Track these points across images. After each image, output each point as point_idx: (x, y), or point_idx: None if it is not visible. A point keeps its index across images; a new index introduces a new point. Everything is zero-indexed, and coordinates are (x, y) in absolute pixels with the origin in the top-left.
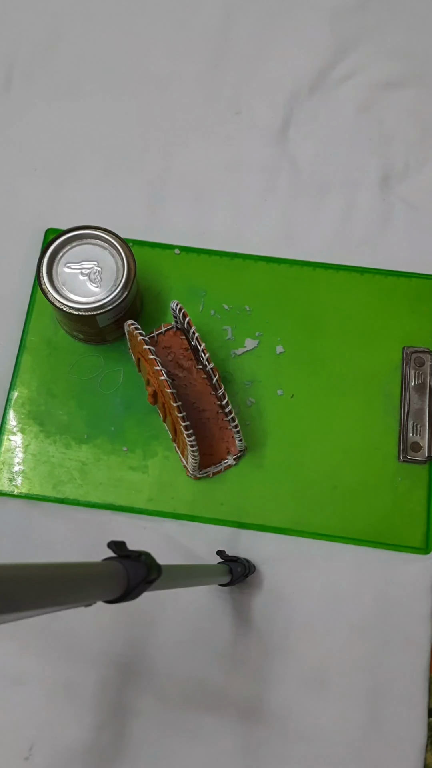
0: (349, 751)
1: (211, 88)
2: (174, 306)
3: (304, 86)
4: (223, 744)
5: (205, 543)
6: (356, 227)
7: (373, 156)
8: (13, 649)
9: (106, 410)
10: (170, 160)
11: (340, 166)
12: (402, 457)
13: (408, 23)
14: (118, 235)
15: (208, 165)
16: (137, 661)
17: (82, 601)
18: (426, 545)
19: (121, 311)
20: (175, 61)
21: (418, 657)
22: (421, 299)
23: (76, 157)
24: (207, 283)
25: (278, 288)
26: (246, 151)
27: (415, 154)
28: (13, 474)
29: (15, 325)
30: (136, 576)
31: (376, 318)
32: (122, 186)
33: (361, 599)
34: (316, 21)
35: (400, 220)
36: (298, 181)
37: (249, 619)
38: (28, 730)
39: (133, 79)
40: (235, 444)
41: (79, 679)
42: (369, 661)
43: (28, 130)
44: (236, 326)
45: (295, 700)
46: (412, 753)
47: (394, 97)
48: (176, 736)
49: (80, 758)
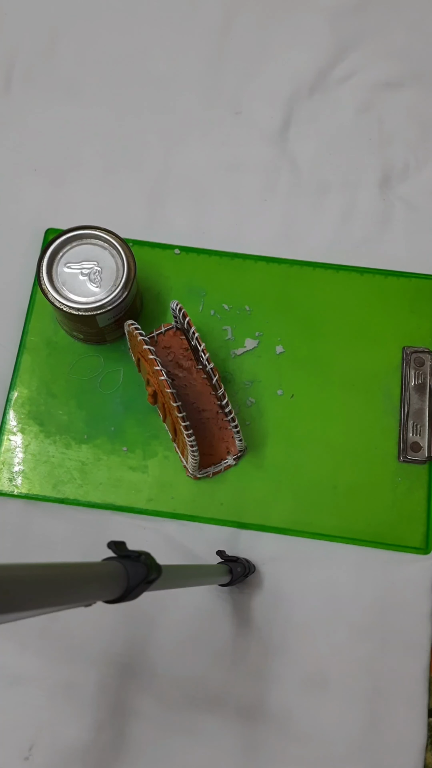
0: (349, 751)
1: (211, 88)
2: (174, 306)
3: (304, 86)
4: (223, 744)
5: (205, 543)
6: (356, 227)
7: (373, 156)
8: (13, 649)
9: (106, 410)
10: (170, 160)
11: (340, 166)
12: (402, 457)
13: (408, 23)
14: (118, 235)
15: (208, 165)
16: (137, 661)
17: (82, 601)
18: (426, 545)
19: (121, 311)
20: (175, 61)
21: (418, 657)
22: (421, 299)
23: (76, 157)
24: (207, 283)
25: (278, 288)
26: (246, 151)
27: (415, 154)
28: (13, 474)
29: (15, 325)
30: (136, 576)
31: (376, 318)
32: (122, 186)
33: (361, 599)
34: (316, 21)
35: (400, 220)
36: (298, 181)
37: (249, 619)
38: (28, 730)
39: (133, 79)
40: (235, 444)
41: (79, 679)
42: (369, 661)
43: (28, 130)
44: (236, 326)
45: (295, 700)
46: (412, 753)
47: (394, 97)
48: (176, 736)
49: (80, 758)
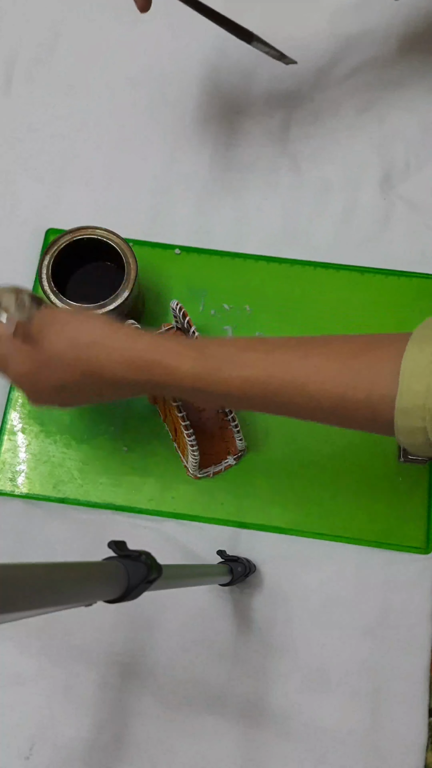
0: (349, 751)
1: (212, 88)
2: (174, 306)
3: (304, 86)
4: (223, 744)
5: (205, 543)
6: (357, 227)
7: (374, 155)
8: (13, 649)
9: (107, 410)
10: (170, 159)
11: (341, 165)
12: (402, 457)
13: (408, 23)
14: (119, 236)
15: (209, 164)
16: (137, 661)
17: (83, 601)
18: (426, 545)
19: (122, 312)
20: (175, 61)
21: (418, 657)
22: (421, 299)
23: (76, 157)
24: (207, 283)
25: (279, 288)
26: (246, 151)
27: (416, 154)
28: (13, 474)
29: None
30: (137, 576)
31: (376, 318)
32: (122, 186)
33: (361, 599)
34: (316, 21)
35: (400, 219)
36: (299, 181)
37: (249, 618)
38: (29, 729)
39: (133, 78)
40: (235, 444)
41: (79, 679)
42: (369, 660)
43: (28, 130)
44: (236, 326)
45: (295, 699)
46: (412, 753)
47: (394, 96)
48: (176, 736)
49: (80, 758)
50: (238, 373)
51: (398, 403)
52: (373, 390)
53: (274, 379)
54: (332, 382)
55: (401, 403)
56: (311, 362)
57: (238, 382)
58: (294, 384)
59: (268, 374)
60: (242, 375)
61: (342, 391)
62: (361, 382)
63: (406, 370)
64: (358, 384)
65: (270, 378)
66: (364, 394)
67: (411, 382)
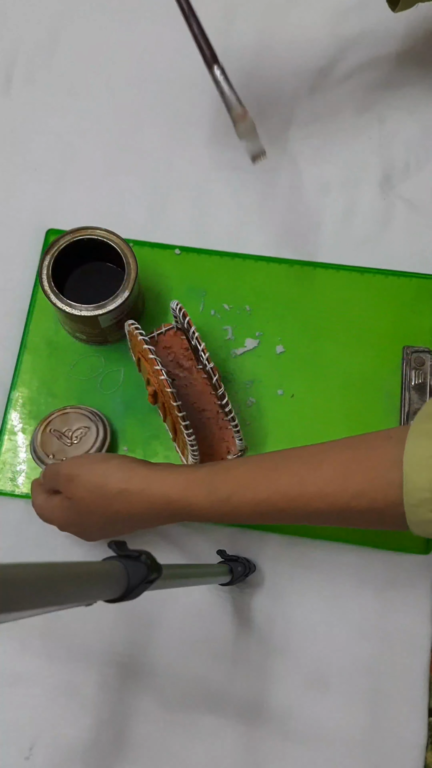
0: (349, 751)
1: (211, 88)
2: (174, 306)
3: (304, 86)
4: (223, 744)
5: (205, 542)
6: (357, 227)
7: (374, 156)
8: (13, 649)
9: (107, 410)
10: (170, 159)
11: (341, 165)
12: None
13: (408, 23)
14: (119, 236)
15: (209, 164)
16: (137, 661)
17: (83, 600)
18: (426, 546)
19: (123, 312)
20: (175, 61)
21: (418, 657)
22: (421, 299)
23: (76, 157)
24: (207, 283)
25: (278, 288)
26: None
27: (416, 154)
28: (13, 474)
29: (16, 325)
30: (137, 575)
31: (376, 318)
32: (122, 186)
33: (361, 599)
34: (316, 21)
35: (400, 219)
36: (299, 181)
37: (249, 618)
38: (29, 729)
39: (133, 79)
40: (235, 444)
41: (79, 679)
42: (369, 661)
43: (28, 130)
44: (236, 326)
45: (295, 699)
46: (412, 753)
47: (394, 97)
48: (176, 736)
49: (80, 758)
50: (248, 498)
51: (406, 500)
52: (376, 497)
53: (280, 502)
54: (334, 497)
55: (409, 499)
56: (313, 481)
57: (248, 509)
58: (300, 501)
59: (273, 501)
60: (252, 500)
61: (346, 501)
62: (365, 490)
63: (408, 468)
64: (362, 493)
65: (276, 502)
66: (367, 501)
67: (415, 478)
